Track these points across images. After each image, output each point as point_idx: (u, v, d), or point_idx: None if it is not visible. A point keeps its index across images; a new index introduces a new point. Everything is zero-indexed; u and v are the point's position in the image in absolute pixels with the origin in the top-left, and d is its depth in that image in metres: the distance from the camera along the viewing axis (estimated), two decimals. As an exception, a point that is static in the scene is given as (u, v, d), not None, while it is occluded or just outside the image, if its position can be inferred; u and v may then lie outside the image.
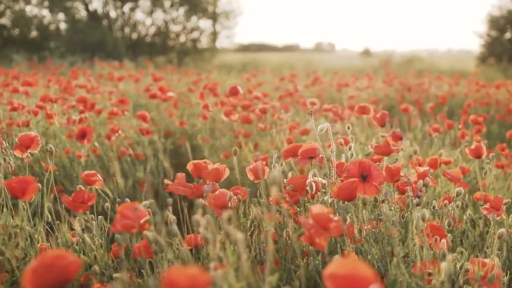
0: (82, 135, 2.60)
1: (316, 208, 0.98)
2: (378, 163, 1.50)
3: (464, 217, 1.90)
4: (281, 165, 1.70)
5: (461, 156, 2.64)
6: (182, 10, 19.72)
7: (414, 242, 1.16)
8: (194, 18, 19.94)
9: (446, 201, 1.50)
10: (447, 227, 1.48)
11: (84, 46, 16.13)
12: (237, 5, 28.22)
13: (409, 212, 1.34)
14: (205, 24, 21.93)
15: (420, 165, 2.37)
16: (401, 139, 2.11)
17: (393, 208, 1.39)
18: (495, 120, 4.70)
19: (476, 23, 20.34)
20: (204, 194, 1.41)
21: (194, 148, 3.57)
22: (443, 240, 1.22)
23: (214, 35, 20.61)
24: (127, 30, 19.05)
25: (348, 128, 1.73)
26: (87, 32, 16.76)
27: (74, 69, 6.99)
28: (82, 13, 18.61)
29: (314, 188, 1.30)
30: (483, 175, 1.95)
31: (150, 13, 19.33)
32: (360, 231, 1.34)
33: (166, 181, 1.39)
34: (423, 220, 1.07)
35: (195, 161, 1.52)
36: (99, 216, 1.51)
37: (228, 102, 3.58)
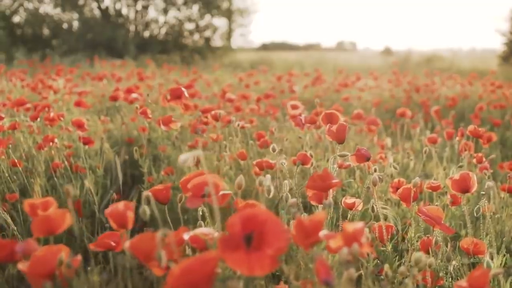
0: (-9, 147, 2.15)
1: None
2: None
3: (450, 268, 1.38)
4: (180, 200, 1.20)
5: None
6: (195, 8, 19.32)
7: None
8: (207, 16, 19.54)
9: (402, 269, 0.98)
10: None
11: (94, 44, 15.85)
12: (251, 2, 27.70)
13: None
14: (219, 22, 21.54)
15: (399, 187, 1.85)
16: (367, 159, 1.60)
17: None
18: (511, 126, 4.10)
19: (499, 20, 19.41)
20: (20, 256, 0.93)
21: (155, 159, 3.10)
22: None
23: (229, 33, 20.18)
24: (139, 28, 18.73)
25: (274, 150, 1.22)
26: (97, 30, 16.50)
27: (59, 67, 6.59)
28: (95, 11, 18.38)
29: (163, 259, 0.79)
30: (476, 212, 1.42)
31: (163, 11, 18.98)
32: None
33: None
34: None
35: (31, 200, 1.04)
36: None
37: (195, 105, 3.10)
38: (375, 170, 1.82)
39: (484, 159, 2.06)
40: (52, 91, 4.27)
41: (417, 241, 1.38)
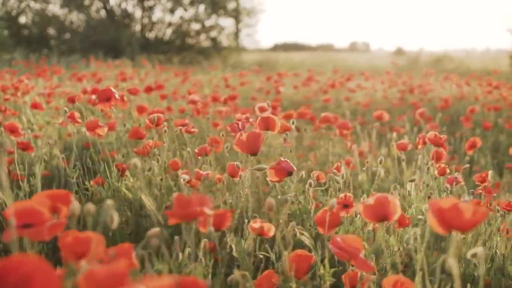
0: None
1: None
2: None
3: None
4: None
5: (415, 193, 1.83)
6: (201, 8, 19.15)
7: None
8: (214, 16, 19.35)
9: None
10: None
11: (98, 44, 15.74)
12: (258, 2, 27.37)
13: None
14: (225, 22, 21.34)
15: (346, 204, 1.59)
16: (289, 174, 1.36)
17: None
18: (505, 129, 3.78)
19: (508, 20, 18.90)
20: None
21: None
22: None
23: (236, 33, 19.97)
24: (144, 28, 18.61)
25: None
26: (101, 31, 16.40)
27: (43, 68, 6.42)
28: (100, 12, 18.31)
29: None
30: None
31: (169, 11, 18.84)
32: None
33: None
34: None
35: None
36: None
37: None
38: (310, 185, 1.58)
39: (448, 170, 1.80)
40: (20, 92, 4.09)
41: (332, 276, 1.14)
